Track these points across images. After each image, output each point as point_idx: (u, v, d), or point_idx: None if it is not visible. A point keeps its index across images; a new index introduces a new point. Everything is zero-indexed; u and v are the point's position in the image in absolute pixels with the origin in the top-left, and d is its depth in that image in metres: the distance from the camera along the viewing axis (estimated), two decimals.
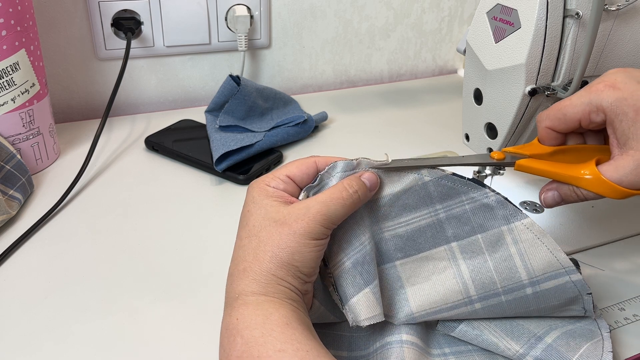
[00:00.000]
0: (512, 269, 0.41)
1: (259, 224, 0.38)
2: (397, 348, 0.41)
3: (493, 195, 0.42)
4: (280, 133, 0.73)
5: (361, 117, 0.85)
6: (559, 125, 0.42)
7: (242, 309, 0.35)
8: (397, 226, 0.43)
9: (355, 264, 0.40)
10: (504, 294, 0.41)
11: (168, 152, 0.71)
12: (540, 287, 0.41)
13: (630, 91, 0.38)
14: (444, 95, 0.94)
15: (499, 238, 0.41)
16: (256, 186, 0.40)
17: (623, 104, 0.38)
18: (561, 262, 0.41)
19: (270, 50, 0.89)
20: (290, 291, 0.37)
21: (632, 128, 0.38)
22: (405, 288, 0.43)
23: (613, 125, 0.39)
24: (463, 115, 0.57)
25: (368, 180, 0.40)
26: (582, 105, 0.40)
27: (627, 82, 0.38)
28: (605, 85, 0.39)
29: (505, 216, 0.41)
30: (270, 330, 0.33)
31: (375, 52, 0.97)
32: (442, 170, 0.42)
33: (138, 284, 0.50)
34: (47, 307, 0.47)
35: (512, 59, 0.48)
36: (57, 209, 0.60)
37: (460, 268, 0.42)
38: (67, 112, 0.82)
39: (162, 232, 0.57)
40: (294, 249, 0.36)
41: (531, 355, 0.41)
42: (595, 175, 0.40)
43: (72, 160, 0.69)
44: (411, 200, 0.42)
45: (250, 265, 0.37)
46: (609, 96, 0.38)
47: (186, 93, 0.87)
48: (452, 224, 0.42)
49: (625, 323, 0.47)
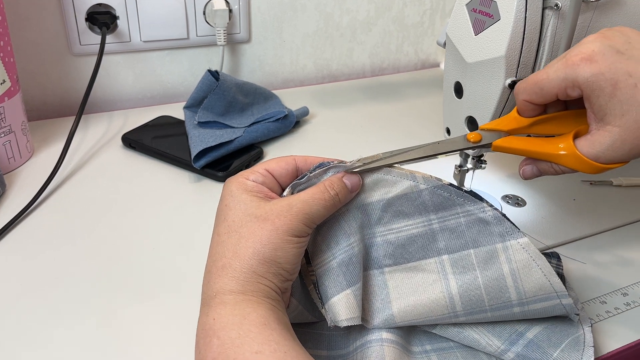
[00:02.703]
0: (502, 289, 0.39)
1: (239, 220, 0.37)
2: (377, 347, 0.40)
3: (490, 211, 0.40)
4: (260, 129, 0.72)
5: (343, 112, 0.84)
6: (537, 99, 0.40)
7: (220, 309, 0.34)
8: (389, 232, 0.42)
9: (340, 264, 0.40)
10: (490, 311, 0.40)
11: (145, 150, 0.70)
12: (528, 307, 0.40)
13: (608, 64, 0.36)
14: (426, 89, 0.94)
15: (492, 255, 0.40)
16: (234, 180, 0.39)
17: (600, 79, 0.36)
18: (554, 286, 0.39)
19: (250, 44, 0.88)
20: (270, 289, 0.36)
21: (609, 103, 0.36)
22: (390, 297, 0.42)
23: (590, 100, 0.37)
24: (444, 109, 0.57)
25: (349, 182, 0.40)
26: (558, 80, 0.38)
27: (605, 52, 0.36)
28: (581, 58, 0.37)
29: (501, 233, 0.40)
30: (248, 331, 0.32)
31: (357, 46, 0.96)
32: (439, 179, 0.41)
33: (114, 285, 0.49)
34: (19, 310, 0.46)
35: (492, 51, 0.47)
36: (30, 208, 0.58)
37: (450, 283, 0.41)
38: (41, 110, 0.80)
39: (139, 231, 0.56)
40: (276, 245, 0.36)
41: (513, 351, 0.40)
42: (572, 152, 0.39)
43: (47, 158, 0.68)
44: (405, 207, 0.41)
45: (229, 262, 0.36)
46: (584, 71, 0.36)
47: (164, 89, 0.86)
48: (445, 236, 0.41)
49: (607, 316, 0.47)
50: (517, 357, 0.40)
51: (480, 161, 0.56)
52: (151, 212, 0.59)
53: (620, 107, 0.36)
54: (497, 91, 0.48)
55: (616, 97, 0.36)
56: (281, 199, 0.38)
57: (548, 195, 0.62)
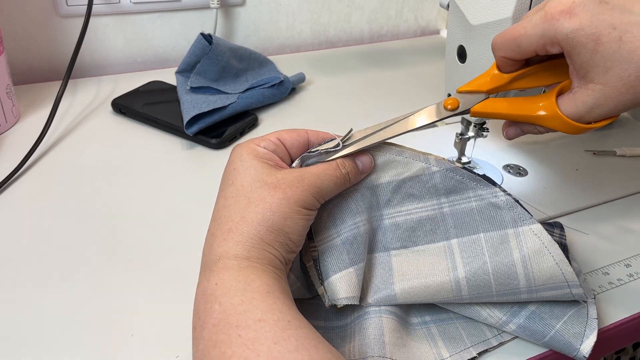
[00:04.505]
0: (511, 276, 0.38)
1: (248, 184, 0.36)
2: (375, 318, 0.39)
3: (503, 196, 0.39)
4: (255, 95, 0.70)
5: (340, 79, 0.81)
6: (515, 56, 0.38)
7: (223, 273, 0.33)
8: (397, 214, 0.41)
9: (344, 241, 0.39)
10: (497, 296, 0.39)
11: (136, 115, 0.67)
12: (537, 294, 0.38)
13: (589, 16, 0.33)
14: (426, 57, 0.91)
15: (503, 241, 0.38)
16: (245, 145, 0.38)
17: (580, 35, 0.33)
18: (566, 276, 0.37)
19: (245, 8, 0.85)
20: (275, 258, 0.35)
21: (590, 60, 0.34)
22: (393, 279, 0.40)
23: (571, 57, 0.35)
24: (446, 74, 0.55)
25: (361, 163, 0.40)
26: (536, 37, 0.35)
27: (587, 2, 0.34)
28: (560, 11, 0.34)
29: (513, 219, 0.39)
30: (251, 298, 0.31)
31: (355, 11, 0.93)
32: (452, 162, 0.40)
33: (103, 253, 0.47)
34: (5, 278, 0.44)
35: (498, 12, 0.45)
36: (16, 175, 0.56)
37: (457, 268, 0.39)
38: (27, 74, 0.77)
39: (130, 199, 0.54)
40: (286, 214, 0.35)
41: (514, 323, 0.39)
42: (554, 113, 0.37)
43: (33, 123, 0.65)
44: (416, 190, 0.41)
45: (236, 226, 0.34)
46: (563, 27, 0.34)
47: (155, 53, 0.83)
48: (456, 220, 0.40)
49: (609, 288, 0.46)
50: (519, 328, 0.39)
51: (482, 129, 0.54)
52: (142, 179, 0.57)
53: (604, 64, 0.34)
54: None
55: (599, 53, 0.33)
56: (293, 170, 0.37)
57: (550, 165, 0.61)
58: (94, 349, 0.39)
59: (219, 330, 0.30)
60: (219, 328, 0.30)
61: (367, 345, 0.37)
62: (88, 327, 0.41)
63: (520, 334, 0.40)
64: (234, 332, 0.29)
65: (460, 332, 0.40)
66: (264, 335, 0.29)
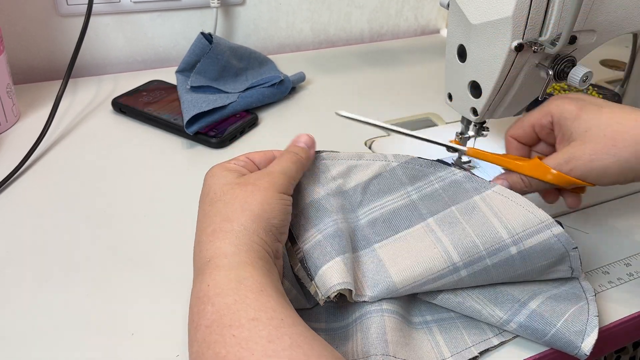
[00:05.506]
0: (491, 230, 0.40)
1: (220, 190, 0.38)
2: (377, 317, 0.39)
3: (459, 172, 0.44)
4: (255, 94, 0.70)
5: (340, 78, 0.81)
6: (517, 131, 0.47)
7: (215, 274, 0.33)
8: (371, 211, 0.44)
9: (326, 236, 0.40)
10: (488, 257, 0.39)
11: (136, 115, 0.67)
12: (524, 244, 0.39)
13: (574, 96, 0.44)
14: (426, 56, 0.91)
15: (473, 206, 0.42)
16: (215, 165, 0.41)
17: (566, 103, 0.43)
18: (538, 216, 0.40)
19: (245, 7, 0.85)
20: (263, 250, 0.35)
21: (574, 123, 0.42)
22: (385, 266, 0.41)
23: (559, 124, 0.43)
24: (446, 73, 0.55)
25: (304, 143, 0.44)
26: (535, 112, 0.46)
27: (573, 95, 0.44)
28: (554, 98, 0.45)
29: (475, 187, 0.43)
30: (244, 297, 0.31)
31: (355, 11, 0.93)
32: (407, 155, 0.45)
33: (103, 253, 0.47)
34: (6, 278, 0.44)
35: (499, 11, 0.45)
36: (16, 174, 0.56)
37: (441, 239, 0.41)
38: (28, 73, 0.77)
39: (130, 198, 0.54)
40: (262, 199, 0.37)
41: (515, 322, 0.39)
42: (535, 162, 0.44)
43: (33, 123, 0.65)
44: (382, 185, 0.45)
45: (219, 226, 0.35)
46: (555, 102, 0.44)
47: (156, 53, 0.83)
48: (425, 203, 0.44)
49: (609, 287, 0.46)
50: (520, 327, 0.39)
51: (483, 128, 0.54)
52: (142, 178, 0.57)
53: (586, 124, 0.42)
54: (502, 54, 0.46)
55: (581, 118, 0.42)
56: (259, 170, 0.40)
57: None
58: (94, 348, 0.39)
59: (212, 331, 0.30)
60: (212, 329, 0.30)
61: (370, 344, 0.37)
62: (88, 327, 0.41)
63: (521, 332, 0.40)
64: (228, 332, 0.30)
65: (461, 332, 0.41)
66: (258, 334, 0.29)
